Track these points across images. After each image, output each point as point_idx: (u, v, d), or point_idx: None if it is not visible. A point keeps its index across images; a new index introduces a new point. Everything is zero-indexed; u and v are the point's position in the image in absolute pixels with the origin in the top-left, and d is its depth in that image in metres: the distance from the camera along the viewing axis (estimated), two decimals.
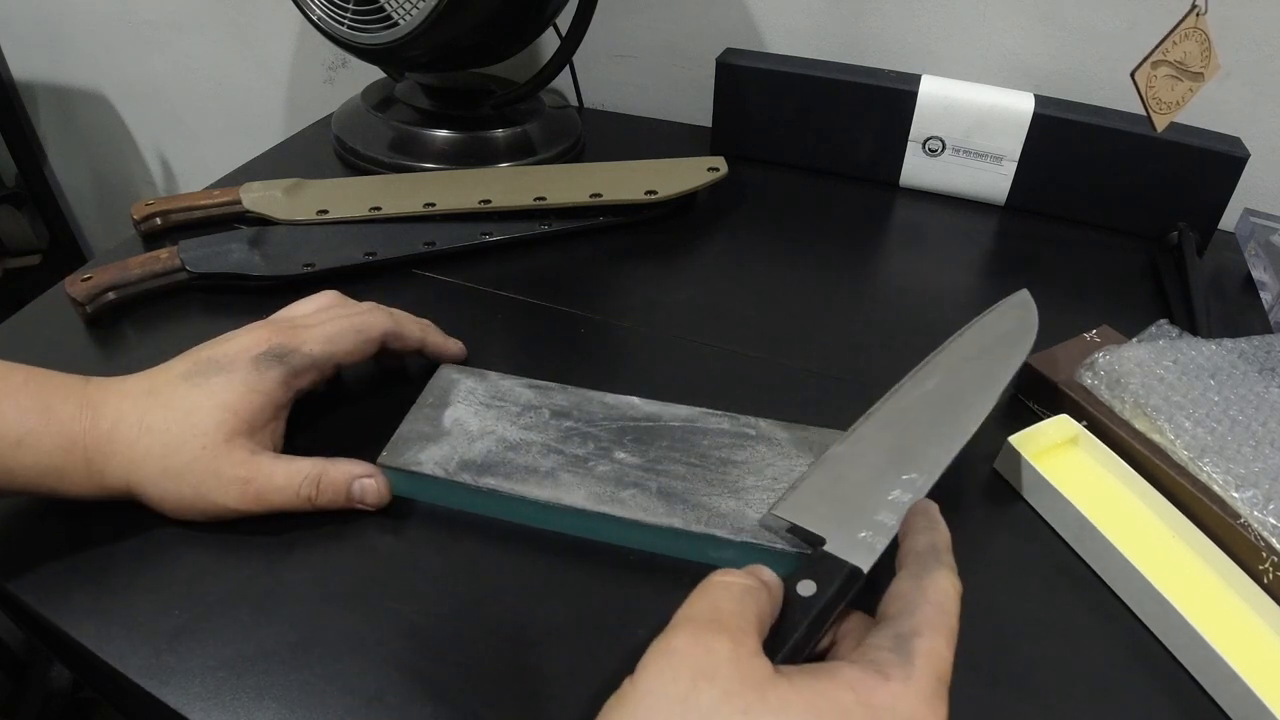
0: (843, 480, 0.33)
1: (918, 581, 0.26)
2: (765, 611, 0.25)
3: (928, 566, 0.27)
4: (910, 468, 0.33)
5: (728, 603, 0.24)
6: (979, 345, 0.39)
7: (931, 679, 0.23)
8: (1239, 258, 0.61)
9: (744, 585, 0.25)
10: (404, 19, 0.56)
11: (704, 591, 0.25)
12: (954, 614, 0.26)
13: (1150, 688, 0.32)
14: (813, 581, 0.27)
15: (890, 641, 0.24)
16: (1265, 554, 0.35)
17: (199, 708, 0.30)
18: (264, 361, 0.36)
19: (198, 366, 0.36)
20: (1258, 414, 0.40)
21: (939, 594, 0.26)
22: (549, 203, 0.57)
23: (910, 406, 0.37)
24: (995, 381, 0.37)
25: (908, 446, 0.34)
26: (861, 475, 0.33)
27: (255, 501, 0.35)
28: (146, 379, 0.36)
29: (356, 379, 0.45)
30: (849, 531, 0.30)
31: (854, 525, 0.31)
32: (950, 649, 0.25)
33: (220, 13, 0.97)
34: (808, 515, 0.31)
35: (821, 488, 0.33)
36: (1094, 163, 0.61)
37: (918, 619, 0.25)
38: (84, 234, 1.35)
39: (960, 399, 0.36)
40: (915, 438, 0.35)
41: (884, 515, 0.31)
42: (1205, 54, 0.51)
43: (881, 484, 0.33)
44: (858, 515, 0.31)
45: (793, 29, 0.73)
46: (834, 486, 0.33)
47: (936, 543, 0.28)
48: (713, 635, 0.23)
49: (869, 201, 0.66)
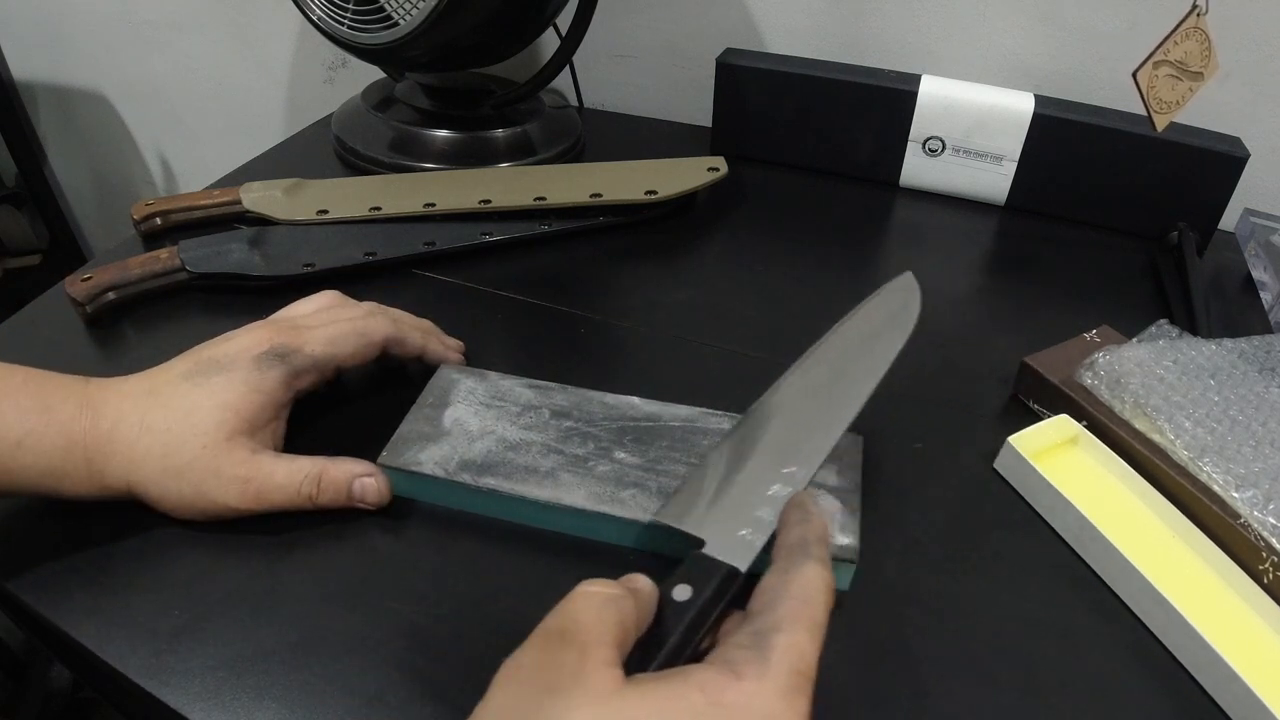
0: (723, 479, 0.33)
1: (784, 576, 0.26)
2: (629, 620, 0.24)
3: (795, 560, 0.26)
4: (789, 461, 0.33)
5: (585, 614, 0.24)
6: (860, 331, 0.39)
7: (788, 674, 0.23)
8: (1239, 258, 0.61)
9: (606, 595, 0.24)
10: (404, 19, 0.56)
11: (564, 603, 0.24)
12: (819, 606, 0.25)
13: (1150, 688, 0.32)
14: (688, 585, 0.27)
15: (749, 639, 0.24)
16: (1265, 554, 0.35)
17: (199, 708, 0.30)
18: (265, 361, 0.36)
19: (198, 366, 0.36)
20: (1258, 414, 0.40)
21: (804, 587, 0.25)
22: (549, 203, 0.57)
23: (789, 399, 0.36)
24: (875, 366, 0.36)
25: (787, 440, 0.34)
26: (741, 473, 0.33)
27: (256, 500, 0.35)
28: (147, 379, 0.36)
29: (356, 379, 0.45)
30: (729, 531, 0.30)
31: (733, 524, 0.30)
32: (813, 642, 0.24)
33: (220, 13, 0.97)
34: (687, 518, 0.31)
35: (702, 489, 0.32)
36: (1094, 163, 0.61)
37: (779, 614, 0.24)
38: (84, 234, 1.35)
39: (839, 386, 0.36)
40: (795, 430, 0.34)
41: (763, 511, 0.30)
42: (1205, 54, 0.51)
43: (761, 480, 0.32)
44: (737, 514, 0.31)
45: (793, 29, 0.73)
46: (714, 487, 0.32)
47: (807, 535, 0.28)
48: (563, 648, 0.23)
49: (869, 201, 0.66)
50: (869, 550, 0.36)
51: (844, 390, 0.35)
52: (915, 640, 0.34)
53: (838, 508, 0.35)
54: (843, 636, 0.34)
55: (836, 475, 0.37)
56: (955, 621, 0.34)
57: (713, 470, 0.33)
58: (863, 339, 0.38)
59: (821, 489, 0.36)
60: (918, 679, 0.32)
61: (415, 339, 0.42)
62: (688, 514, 0.31)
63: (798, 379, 0.37)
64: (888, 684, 0.32)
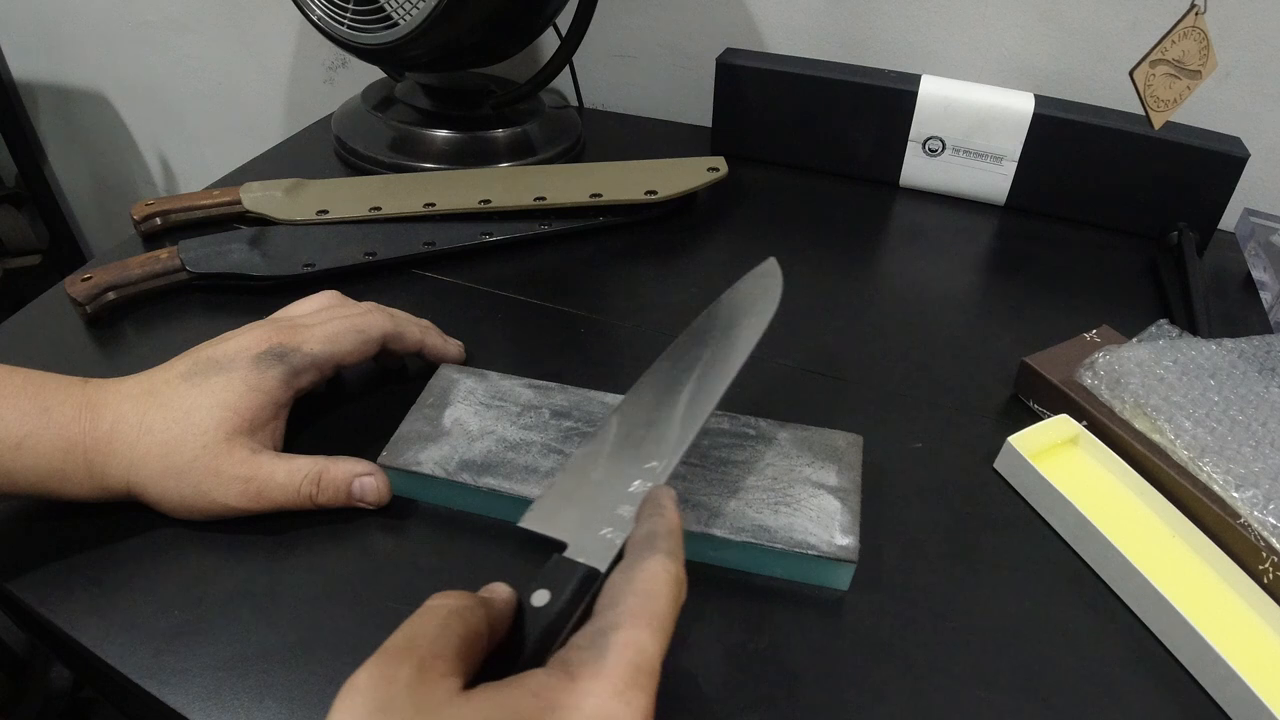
0: (586, 479, 0.32)
1: (628, 573, 0.26)
2: (476, 630, 0.24)
3: (641, 555, 0.26)
4: (651, 456, 0.32)
5: (428, 628, 0.23)
6: (721, 319, 0.38)
7: (626, 671, 0.23)
8: (1239, 258, 0.61)
9: (450, 607, 0.24)
10: (404, 19, 0.56)
11: (409, 619, 0.24)
12: (664, 599, 0.25)
13: (1150, 688, 0.32)
14: (547, 590, 0.27)
15: (587, 639, 0.24)
16: (1265, 554, 0.35)
17: (199, 708, 0.30)
18: (264, 360, 0.36)
19: (197, 366, 0.36)
20: (1258, 414, 0.40)
21: (647, 582, 0.25)
22: (549, 203, 0.57)
23: (652, 392, 0.36)
24: (735, 354, 0.36)
25: (649, 435, 0.33)
26: (604, 471, 0.32)
27: (256, 500, 0.35)
28: (146, 379, 0.36)
29: (356, 379, 0.45)
30: (590, 531, 0.29)
31: (595, 524, 0.30)
32: (656, 637, 0.24)
33: (220, 13, 0.97)
34: (550, 522, 0.30)
35: (566, 491, 0.32)
36: (1094, 163, 0.61)
37: (619, 611, 0.24)
38: (84, 234, 1.35)
39: (700, 376, 0.36)
40: (656, 424, 0.34)
41: (624, 509, 0.30)
42: (1204, 52, 0.51)
43: (622, 477, 0.32)
44: (599, 513, 0.30)
45: (793, 29, 0.73)
46: (578, 488, 0.32)
47: (656, 529, 0.27)
48: (397, 664, 0.22)
49: (869, 201, 0.66)
50: (869, 550, 0.36)
51: (705, 380, 0.35)
52: (915, 640, 0.34)
53: (837, 508, 0.35)
54: (843, 636, 0.34)
55: (836, 475, 0.37)
56: (955, 621, 0.34)
57: (577, 470, 0.33)
58: (724, 327, 0.38)
59: (821, 489, 0.36)
60: (918, 679, 0.32)
61: (414, 333, 0.42)
62: (551, 517, 0.31)
63: (660, 371, 0.36)
64: (888, 684, 0.32)
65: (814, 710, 0.31)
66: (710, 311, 0.39)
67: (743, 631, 0.33)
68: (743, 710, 0.31)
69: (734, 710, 0.31)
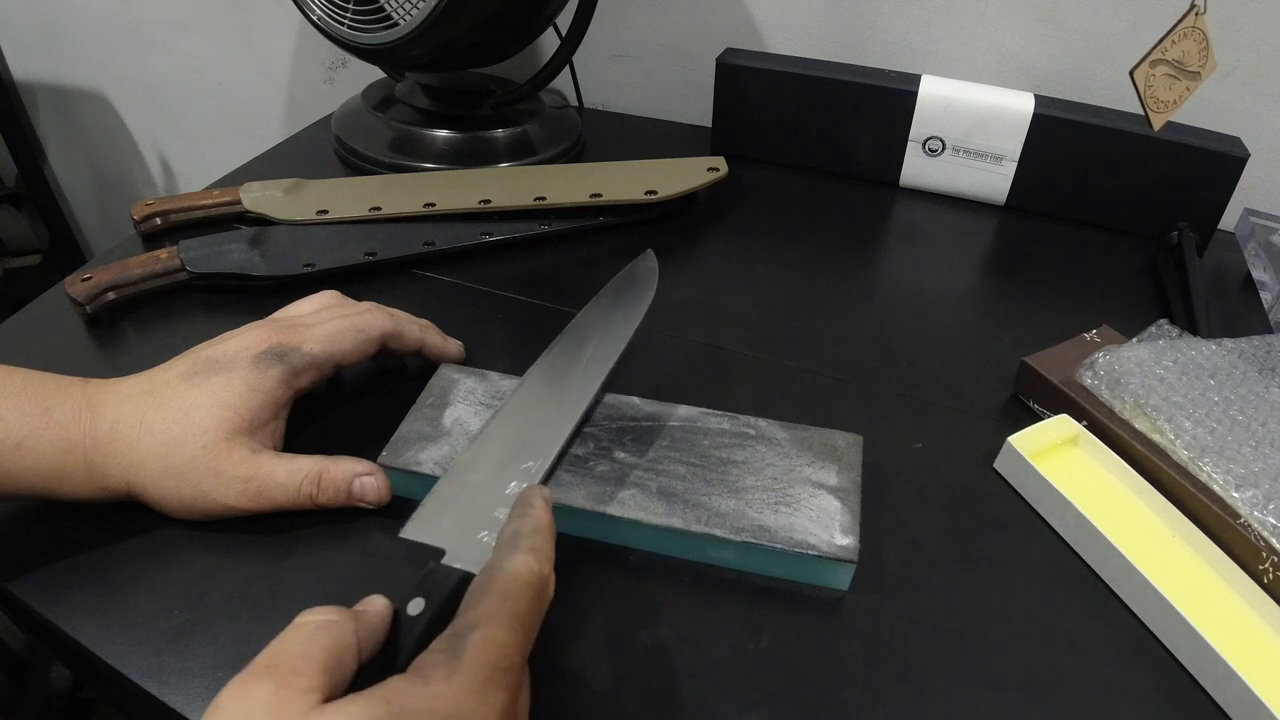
0: (465, 485, 0.32)
1: (489, 573, 0.26)
2: (343, 643, 0.24)
3: (503, 555, 0.26)
4: (526, 456, 0.33)
5: (292, 644, 0.24)
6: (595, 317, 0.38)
7: (482, 670, 0.23)
8: (1239, 258, 0.61)
9: (318, 622, 0.25)
10: (404, 19, 0.56)
11: (277, 637, 0.24)
12: (522, 598, 0.25)
13: (1150, 688, 0.32)
14: (422, 599, 0.27)
15: (444, 642, 0.24)
16: (1265, 554, 0.35)
17: (199, 708, 0.30)
18: (264, 360, 0.36)
19: (197, 366, 0.36)
20: (1258, 414, 0.40)
21: (506, 582, 0.25)
22: (549, 203, 0.57)
23: (529, 393, 0.36)
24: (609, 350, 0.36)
25: (525, 435, 0.34)
26: (482, 475, 0.33)
27: (256, 499, 0.35)
28: (145, 379, 0.36)
29: (356, 379, 0.45)
30: (467, 536, 0.30)
31: (472, 529, 0.30)
32: (515, 635, 0.24)
33: (220, 13, 0.97)
34: (428, 530, 0.30)
35: (446, 497, 0.32)
36: (1094, 163, 0.61)
37: (478, 612, 0.24)
38: (84, 234, 1.35)
39: (575, 374, 0.36)
40: (533, 424, 0.34)
41: (500, 511, 0.30)
42: (1203, 53, 0.51)
43: (498, 479, 0.32)
44: (476, 517, 0.30)
45: (793, 29, 0.73)
46: (457, 494, 0.32)
47: (520, 529, 0.28)
48: (257, 682, 0.22)
49: (869, 201, 0.66)
50: (869, 550, 0.36)
51: (579, 377, 0.35)
52: (915, 640, 0.34)
53: (837, 508, 0.35)
54: (843, 636, 0.34)
55: (836, 475, 0.37)
56: (955, 621, 0.34)
57: (455, 476, 0.33)
58: (598, 324, 0.38)
59: (821, 489, 0.36)
60: (918, 679, 0.32)
61: (413, 331, 0.42)
62: (429, 525, 0.31)
63: (538, 371, 0.37)
64: (888, 684, 0.32)
65: (814, 710, 0.31)
66: (586, 308, 0.39)
67: (743, 631, 0.33)
68: (743, 710, 0.31)
69: (734, 710, 0.31)
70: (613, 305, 0.39)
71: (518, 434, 0.34)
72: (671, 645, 0.33)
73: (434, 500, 0.32)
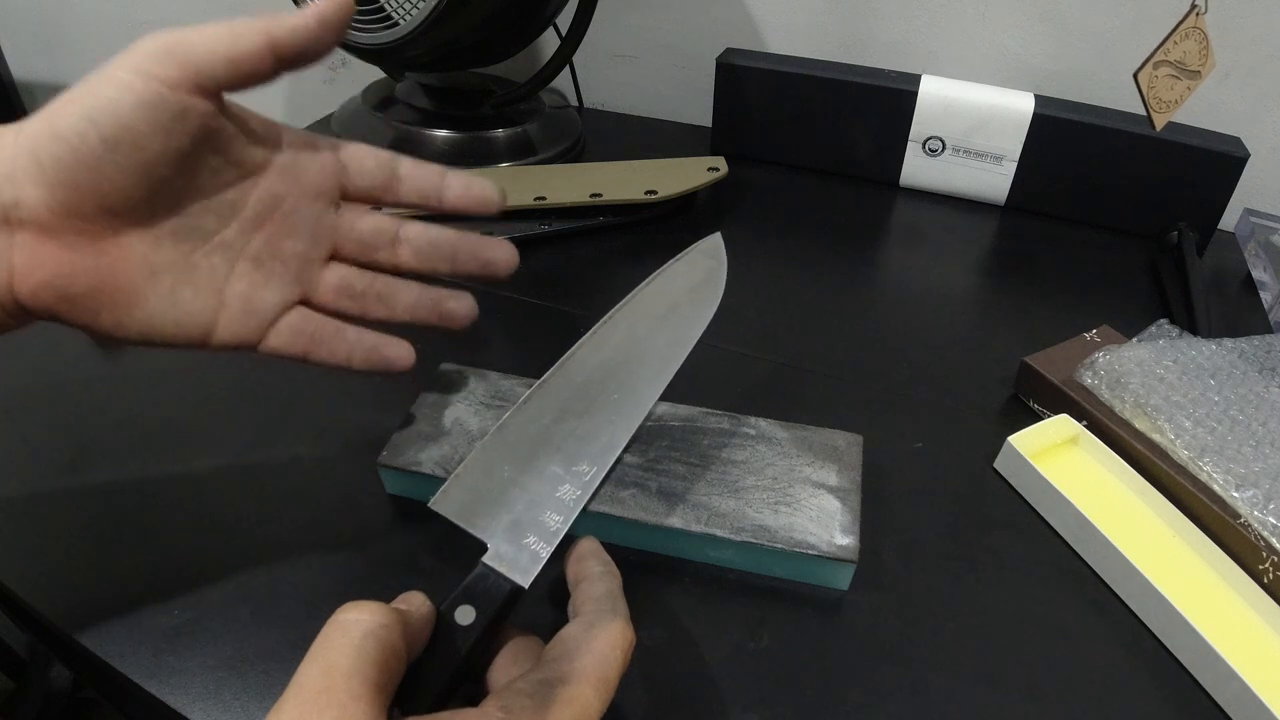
0: (506, 471, 0.30)
1: (588, 630, 0.26)
2: (394, 652, 0.23)
3: (602, 616, 0.26)
4: (581, 457, 0.30)
5: (343, 658, 0.22)
6: (660, 304, 0.35)
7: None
8: (1239, 258, 0.61)
9: (365, 628, 0.23)
10: (404, 19, 0.56)
11: (320, 643, 0.23)
12: (614, 665, 0.25)
13: (1150, 688, 0.32)
14: (471, 608, 0.26)
15: (534, 687, 0.23)
16: (1265, 554, 0.35)
17: (199, 708, 0.30)
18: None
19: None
20: (1258, 414, 0.40)
21: (605, 644, 0.25)
22: (549, 203, 0.57)
23: (584, 377, 0.33)
24: (676, 347, 0.34)
25: (578, 430, 0.31)
26: (529, 469, 0.30)
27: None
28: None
29: (356, 379, 0.45)
30: (513, 537, 0.28)
31: (518, 529, 0.28)
32: (600, 698, 0.24)
33: (220, 13, 0.97)
34: (466, 513, 0.28)
35: (483, 480, 0.29)
36: (1094, 163, 0.61)
37: (574, 666, 0.24)
38: None
39: (639, 369, 0.33)
40: (587, 418, 0.31)
41: (549, 516, 0.29)
42: (1203, 52, 0.51)
43: (550, 479, 0.30)
44: (523, 517, 0.29)
45: (793, 29, 0.73)
46: (496, 478, 0.29)
47: (613, 590, 0.27)
48: (319, 711, 0.21)
49: (869, 201, 0.66)
50: (869, 550, 0.36)
51: (642, 375, 0.33)
52: (915, 640, 0.34)
53: (838, 507, 0.35)
54: (843, 636, 0.34)
55: (836, 475, 0.37)
56: (955, 621, 0.34)
57: (498, 458, 0.30)
58: (662, 313, 0.35)
59: (821, 489, 0.36)
60: (918, 679, 0.32)
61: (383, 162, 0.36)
62: (471, 511, 0.29)
63: (591, 353, 0.34)
64: (888, 684, 0.32)
65: (814, 710, 0.31)
66: (644, 290, 0.36)
67: (743, 631, 0.33)
68: (743, 710, 0.31)
69: (734, 710, 0.31)
70: (675, 295, 0.35)
71: (566, 423, 0.31)
72: (671, 645, 0.33)
73: (470, 474, 0.29)
